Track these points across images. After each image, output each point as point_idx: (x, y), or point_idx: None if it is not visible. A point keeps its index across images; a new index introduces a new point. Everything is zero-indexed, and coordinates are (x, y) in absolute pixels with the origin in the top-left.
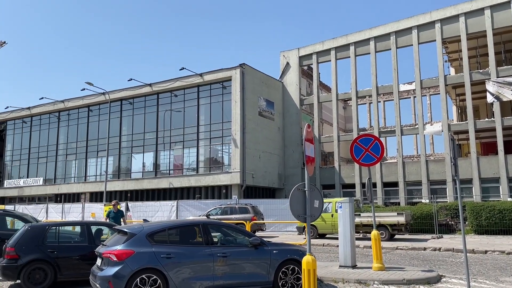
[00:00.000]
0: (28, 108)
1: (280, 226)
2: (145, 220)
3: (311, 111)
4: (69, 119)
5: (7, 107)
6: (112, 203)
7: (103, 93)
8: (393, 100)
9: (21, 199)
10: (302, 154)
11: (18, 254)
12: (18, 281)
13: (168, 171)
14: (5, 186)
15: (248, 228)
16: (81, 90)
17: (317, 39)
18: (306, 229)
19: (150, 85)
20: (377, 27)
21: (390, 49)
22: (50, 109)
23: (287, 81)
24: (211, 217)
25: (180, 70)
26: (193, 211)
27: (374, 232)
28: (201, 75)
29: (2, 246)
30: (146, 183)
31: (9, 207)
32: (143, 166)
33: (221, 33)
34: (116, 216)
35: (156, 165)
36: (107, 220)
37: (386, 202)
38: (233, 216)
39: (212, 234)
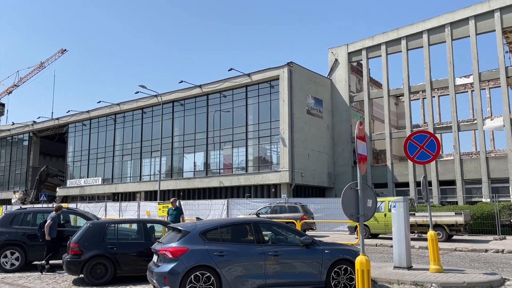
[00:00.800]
0: (87, 111)
1: (331, 226)
2: (198, 218)
3: (361, 108)
4: (125, 121)
5: (69, 111)
6: (171, 201)
7: (156, 96)
8: (448, 94)
9: (82, 198)
10: (352, 152)
11: (81, 250)
12: (81, 275)
13: (218, 170)
14: (68, 185)
15: (298, 227)
16: (135, 93)
17: (366, 34)
18: (358, 228)
19: (200, 86)
20: (430, 19)
21: (445, 41)
22: (107, 112)
23: (335, 78)
24: (261, 216)
25: (228, 71)
26: (243, 210)
27: (431, 232)
28: (249, 75)
29: (67, 242)
30: (198, 182)
31: (71, 206)
32: (194, 165)
33: (268, 33)
34: (175, 213)
35: (206, 165)
36: (168, 218)
37: (442, 201)
38: (282, 215)
39: (263, 232)
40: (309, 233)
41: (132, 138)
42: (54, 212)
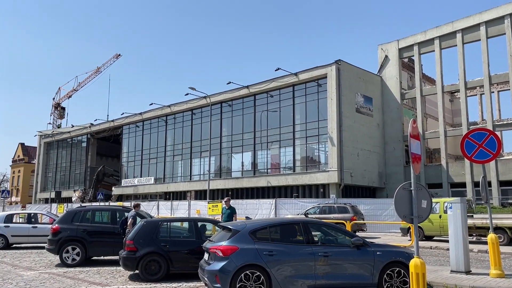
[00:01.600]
0: (140, 113)
1: (382, 227)
2: (247, 218)
3: (413, 105)
4: (175, 122)
5: (123, 114)
6: (225, 200)
7: (205, 97)
8: (509, 89)
9: (136, 197)
10: (404, 152)
11: (136, 247)
12: (137, 271)
13: (265, 170)
14: (122, 185)
15: (348, 228)
16: (185, 95)
17: (418, 29)
18: (412, 230)
19: (247, 87)
20: (488, 11)
21: (505, 33)
22: (158, 114)
23: (386, 75)
24: (309, 216)
25: (275, 70)
26: (291, 210)
27: (491, 235)
28: (296, 74)
29: (122, 239)
30: (246, 181)
31: (126, 204)
32: (242, 165)
33: (315, 32)
34: (228, 212)
35: (254, 164)
36: (222, 217)
37: (503, 202)
38: (332, 216)
39: (312, 233)
40: (359, 234)
41: (183, 139)
42: (133, 209)
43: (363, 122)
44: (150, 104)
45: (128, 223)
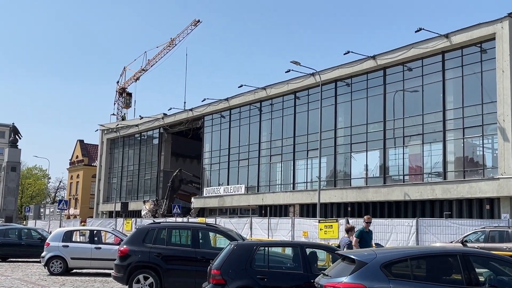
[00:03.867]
0: (226, 99)
1: None
2: (377, 245)
3: None
4: (272, 110)
5: (204, 100)
6: (365, 219)
7: (312, 74)
8: None
9: (221, 211)
10: None
11: (224, 279)
12: None
13: (401, 177)
14: (204, 194)
15: None
16: (286, 72)
17: None
18: None
19: (373, 57)
20: None
21: None
22: (250, 99)
23: None
24: (469, 244)
25: (416, 32)
26: (440, 235)
27: None
28: (447, 36)
29: (207, 267)
30: (372, 193)
31: (209, 220)
32: (366, 169)
33: None
34: (368, 237)
35: (384, 168)
36: (357, 242)
37: None
38: (504, 245)
39: (476, 269)
40: None
41: (282, 132)
42: (346, 235)
43: None
44: (239, 87)
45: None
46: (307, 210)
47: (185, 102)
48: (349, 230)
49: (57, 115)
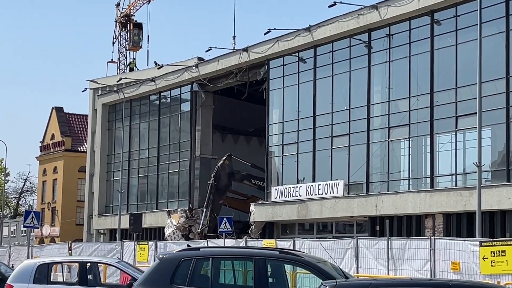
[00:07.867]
0: (308, 28)
1: None
2: None
3: None
4: (391, 45)
5: (268, 32)
6: None
7: None
8: None
9: (303, 227)
10: None
11: None
12: None
13: None
14: (272, 199)
15: None
16: None
17: None
18: None
19: None
20: None
21: None
22: (350, 27)
23: None
24: None
25: None
26: None
27: None
28: None
29: None
30: None
31: (283, 244)
32: None
33: None
34: None
35: None
36: None
37: None
38: None
39: None
40: None
41: (410, 86)
42: None
43: None
44: (329, 6)
45: None
46: (457, 224)
47: (234, 37)
48: None
49: (17, 65)
